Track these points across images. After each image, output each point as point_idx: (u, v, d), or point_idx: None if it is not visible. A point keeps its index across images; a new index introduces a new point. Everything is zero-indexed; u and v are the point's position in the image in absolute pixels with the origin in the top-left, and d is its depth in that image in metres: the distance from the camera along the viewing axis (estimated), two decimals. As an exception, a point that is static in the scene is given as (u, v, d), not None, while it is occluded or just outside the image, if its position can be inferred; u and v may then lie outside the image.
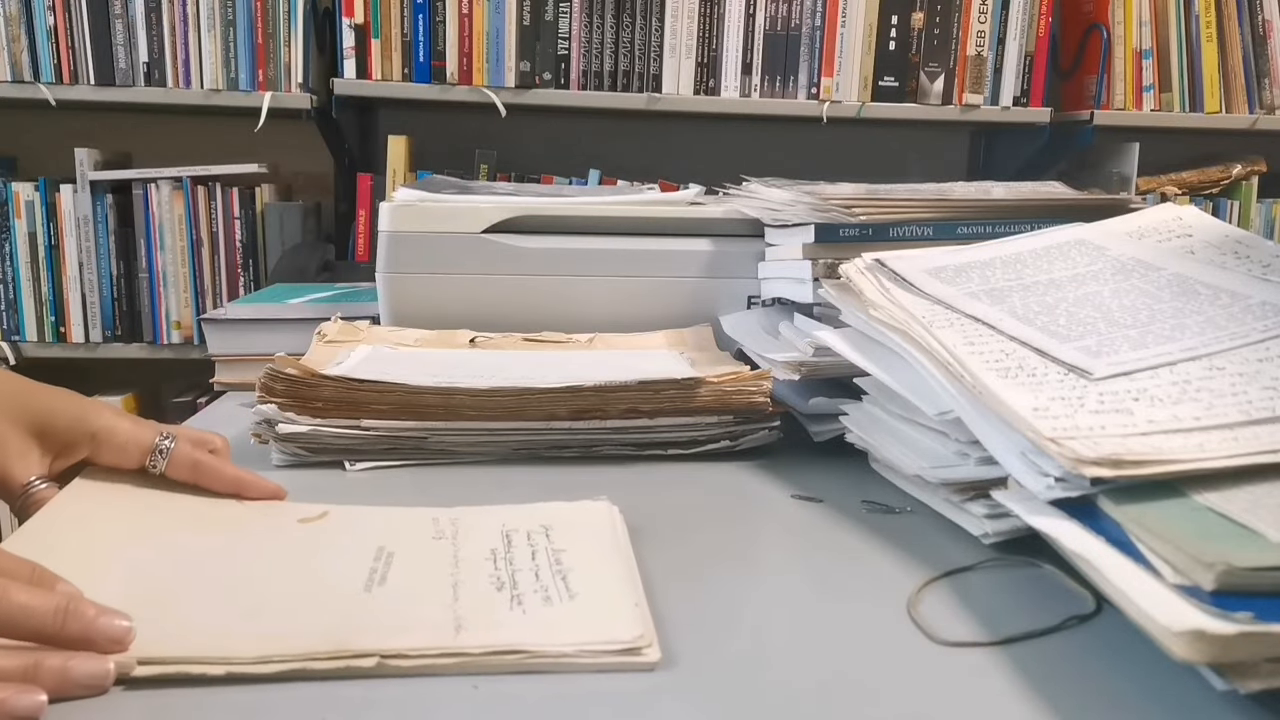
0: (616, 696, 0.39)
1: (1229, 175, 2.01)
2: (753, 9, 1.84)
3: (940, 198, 0.79)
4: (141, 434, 0.57)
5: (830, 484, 0.64)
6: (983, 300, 0.62)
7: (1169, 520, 0.40)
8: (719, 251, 0.91)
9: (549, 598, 0.45)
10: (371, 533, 0.52)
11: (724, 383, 0.70)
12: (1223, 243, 0.65)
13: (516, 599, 0.45)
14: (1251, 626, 0.34)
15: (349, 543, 0.51)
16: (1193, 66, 1.93)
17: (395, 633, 0.41)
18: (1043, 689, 0.40)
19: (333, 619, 0.43)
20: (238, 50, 1.80)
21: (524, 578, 0.47)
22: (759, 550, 0.56)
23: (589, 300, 0.91)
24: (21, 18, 1.76)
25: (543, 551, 0.49)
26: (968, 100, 1.88)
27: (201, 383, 1.25)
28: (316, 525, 0.54)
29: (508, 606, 0.44)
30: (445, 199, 0.94)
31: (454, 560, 0.49)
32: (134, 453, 0.56)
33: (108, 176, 1.84)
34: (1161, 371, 0.51)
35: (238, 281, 1.88)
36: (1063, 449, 0.44)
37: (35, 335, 1.86)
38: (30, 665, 0.38)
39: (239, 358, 0.90)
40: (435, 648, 0.40)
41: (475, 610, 0.43)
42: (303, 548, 0.51)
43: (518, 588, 0.46)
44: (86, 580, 0.43)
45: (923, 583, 0.49)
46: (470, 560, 0.48)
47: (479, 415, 0.68)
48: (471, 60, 1.82)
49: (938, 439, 0.58)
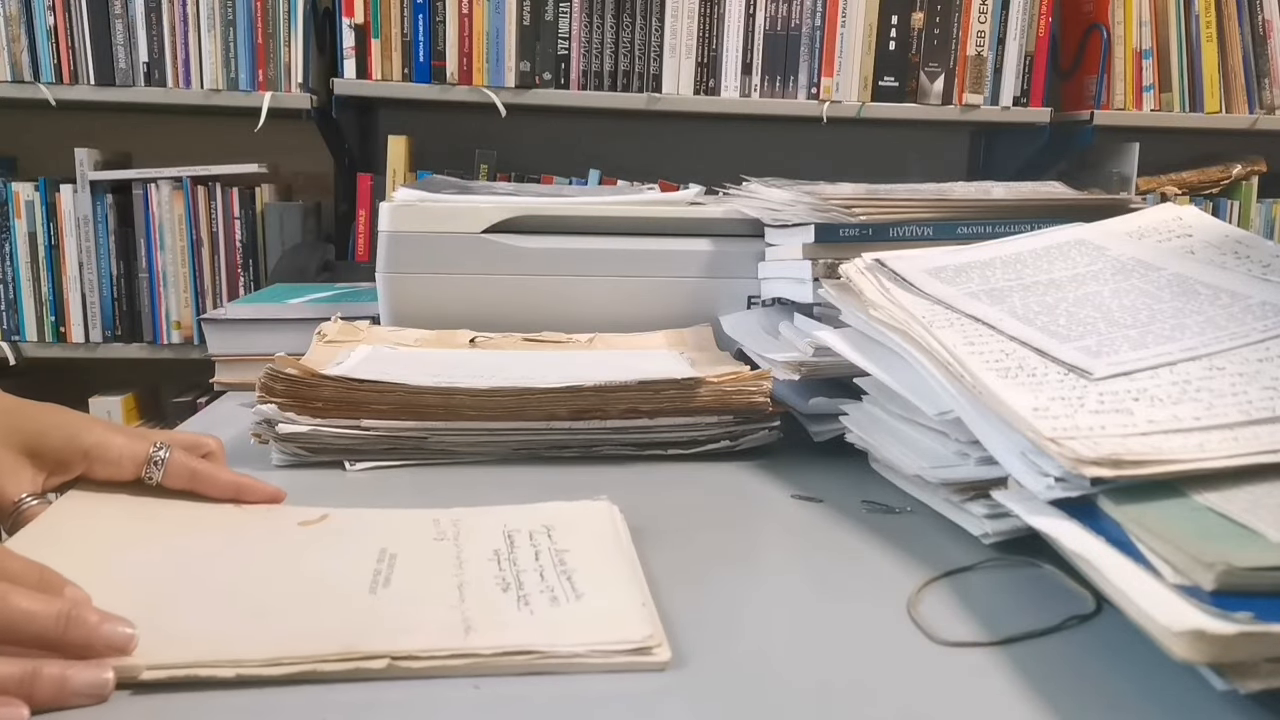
0: (622, 697, 0.39)
1: (1229, 175, 2.01)
2: (753, 9, 1.84)
3: (940, 198, 0.79)
4: (135, 446, 0.56)
5: (830, 484, 0.64)
6: (983, 300, 0.62)
7: (1169, 520, 0.40)
8: (719, 251, 0.91)
9: (556, 598, 0.45)
10: (372, 535, 0.52)
11: (724, 383, 0.70)
12: (1223, 243, 0.65)
13: (523, 599, 0.45)
14: (1251, 626, 0.34)
15: (350, 545, 0.51)
16: (1193, 66, 1.93)
17: (404, 634, 0.41)
18: (1043, 689, 0.40)
19: (340, 621, 0.43)
20: (238, 50, 1.80)
21: (529, 578, 0.47)
22: (759, 550, 0.56)
23: (589, 300, 0.91)
24: (21, 18, 1.76)
25: (546, 552, 0.49)
26: (968, 100, 1.88)
27: (201, 383, 1.25)
28: (317, 528, 0.54)
29: (515, 607, 0.44)
30: (445, 199, 0.94)
31: (457, 561, 0.49)
32: (128, 466, 0.56)
33: (108, 176, 1.84)
34: (1161, 371, 0.51)
35: (238, 281, 1.88)
36: (1063, 449, 0.44)
37: (35, 335, 1.86)
38: (29, 673, 0.38)
39: (239, 358, 0.90)
40: (445, 649, 0.40)
41: (483, 611, 0.43)
42: (304, 551, 0.51)
43: (524, 588, 0.46)
44: (88, 587, 0.43)
45: (923, 583, 0.49)
46: (474, 561, 0.48)
47: (479, 415, 0.68)
48: (471, 60, 1.82)
49: (938, 439, 0.58)
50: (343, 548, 0.51)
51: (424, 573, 0.47)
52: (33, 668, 0.38)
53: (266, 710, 0.38)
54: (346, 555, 0.50)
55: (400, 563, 0.48)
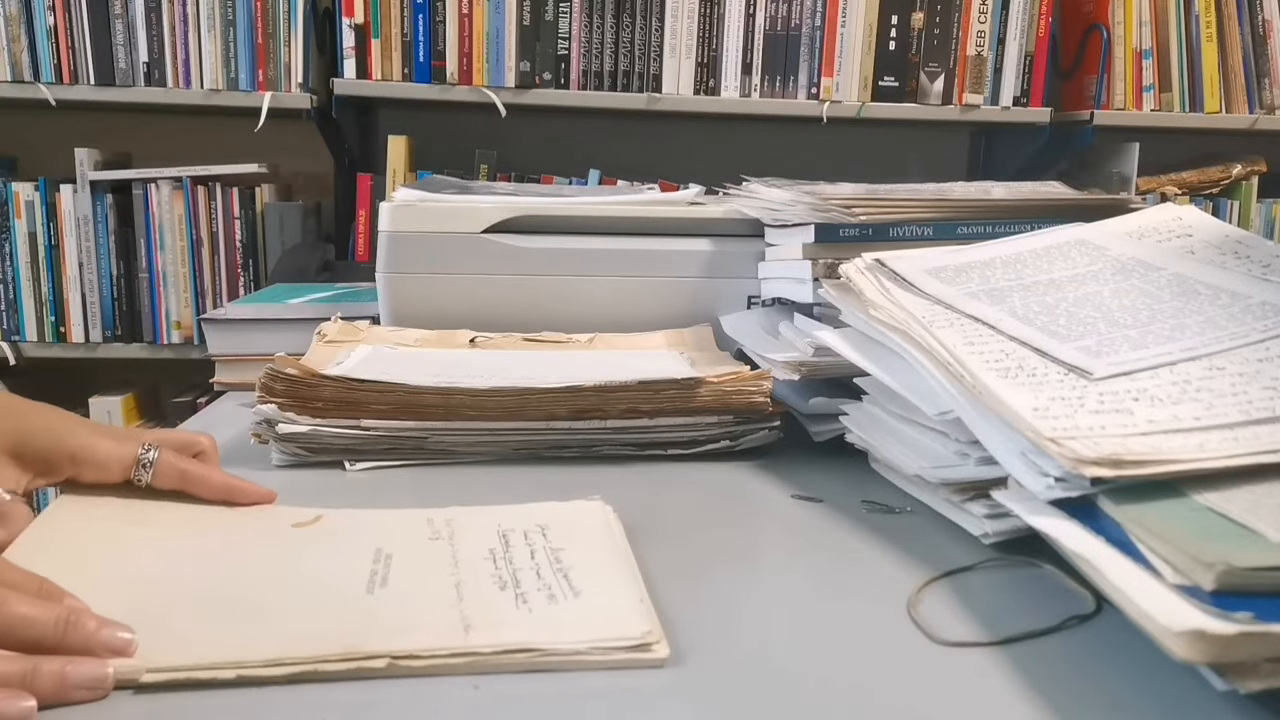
0: (621, 694, 0.39)
1: (1229, 175, 2.01)
2: (753, 9, 1.84)
3: (940, 198, 0.79)
4: (122, 449, 0.56)
5: (830, 484, 0.64)
6: (983, 300, 0.62)
7: (1169, 520, 0.40)
8: (719, 251, 0.91)
9: (553, 595, 0.45)
10: (367, 535, 0.52)
11: (724, 383, 0.70)
12: (1223, 243, 0.65)
13: (521, 597, 0.45)
14: (1251, 626, 0.34)
15: (345, 546, 0.51)
16: (1193, 66, 1.93)
17: (403, 634, 0.41)
18: (1043, 689, 0.40)
19: (339, 621, 0.43)
20: (238, 50, 1.80)
21: (526, 576, 0.47)
22: (759, 550, 0.56)
23: (589, 300, 0.91)
24: (21, 18, 1.76)
25: (541, 550, 0.49)
26: (968, 100, 1.88)
27: (201, 383, 1.25)
28: (311, 529, 0.54)
29: (513, 605, 0.44)
30: (445, 199, 0.94)
31: (453, 561, 0.49)
32: (115, 469, 0.55)
33: (108, 176, 1.84)
34: (1161, 371, 0.51)
35: (238, 281, 1.88)
36: (1063, 449, 0.44)
37: (35, 335, 1.86)
38: (28, 670, 0.38)
39: (239, 358, 0.90)
40: (446, 648, 0.40)
41: (481, 609, 0.43)
42: (300, 552, 0.51)
43: (520, 586, 0.46)
44: (81, 591, 0.43)
45: (923, 583, 0.49)
46: (470, 561, 0.48)
47: (479, 415, 0.68)
48: (471, 60, 1.82)
49: (938, 439, 0.58)
50: (338, 548, 0.51)
51: (421, 572, 0.47)
52: (33, 664, 0.38)
53: (266, 710, 0.38)
54: (342, 556, 0.50)
55: (396, 562, 0.48)
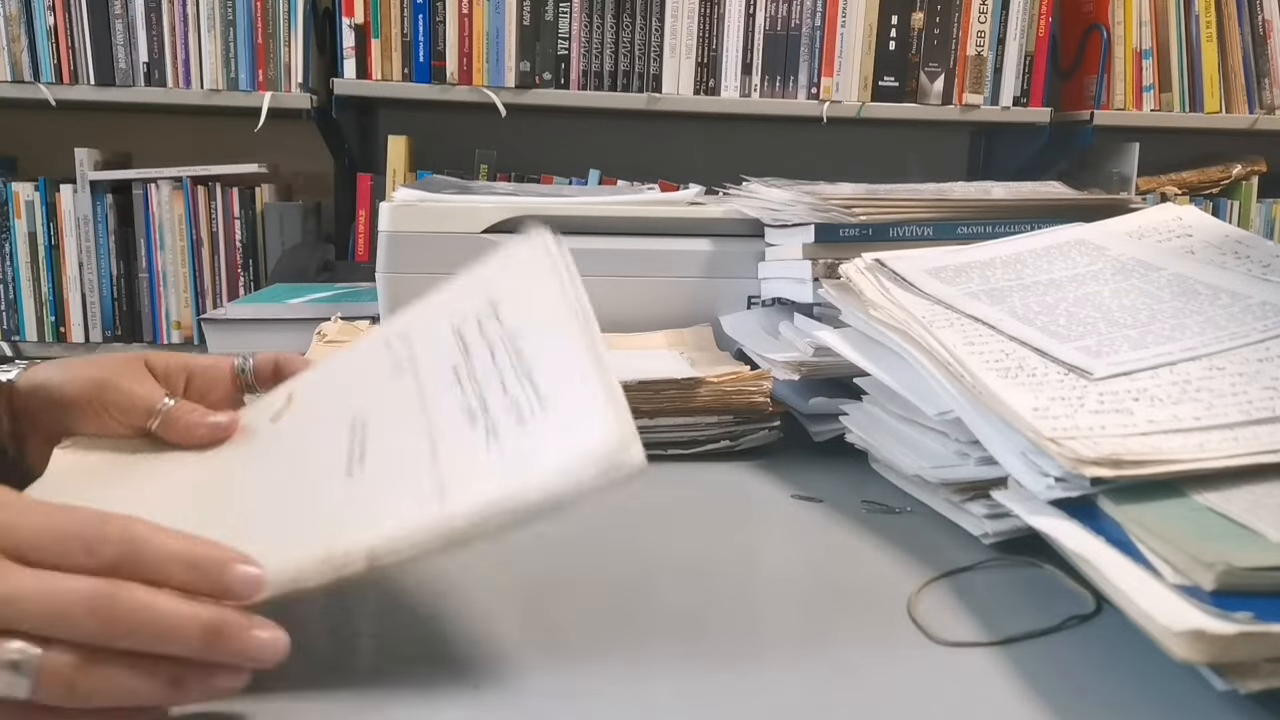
0: (619, 697, 0.39)
1: (1229, 175, 2.02)
2: (753, 9, 1.84)
3: (940, 198, 0.79)
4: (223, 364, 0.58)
5: (830, 484, 0.64)
6: (983, 300, 0.62)
7: (1169, 520, 0.40)
8: (719, 251, 0.91)
9: (521, 415, 0.42)
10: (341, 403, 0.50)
11: (724, 383, 0.70)
12: (1223, 243, 0.65)
13: (491, 431, 0.42)
14: (1251, 626, 0.34)
15: (321, 426, 0.50)
16: (1193, 66, 1.93)
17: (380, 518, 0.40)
18: (1043, 689, 0.40)
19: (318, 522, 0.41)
20: (238, 50, 1.80)
21: (492, 395, 0.44)
22: (759, 550, 0.56)
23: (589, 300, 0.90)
24: (21, 18, 1.76)
25: (500, 345, 0.47)
26: (968, 100, 1.88)
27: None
28: (288, 416, 0.53)
29: (484, 447, 0.42)
30: (445, 199, 0.94)
31: (419, 399, 0.47)
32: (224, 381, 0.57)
33: (108, 176, 1.84)
34: (1161, 371, 0.51)
35: (238, 281, 1.88)
36: (1063, 449, 0.44)
37: (35, 335, 1.86)
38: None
39: (239, 358, 0.90)
40: (421, 529, 0.38)
41: (455, 465, 0.41)
42: (279, 450, 0.50)
43: (489, 412, 0.43)
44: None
45: (923, 583, 0.49)
46: (435, 393, 0.46)
47: (479, 415, 0.68)
48: (471, 60, 1.82)
49: (938, 439, 0.58)
50: (315, 431, 0.50)
51: (394, 433, 0.46)
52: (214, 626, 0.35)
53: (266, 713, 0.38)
54: (321, 440, 0.48)
55: (371, 429, 0.47)
